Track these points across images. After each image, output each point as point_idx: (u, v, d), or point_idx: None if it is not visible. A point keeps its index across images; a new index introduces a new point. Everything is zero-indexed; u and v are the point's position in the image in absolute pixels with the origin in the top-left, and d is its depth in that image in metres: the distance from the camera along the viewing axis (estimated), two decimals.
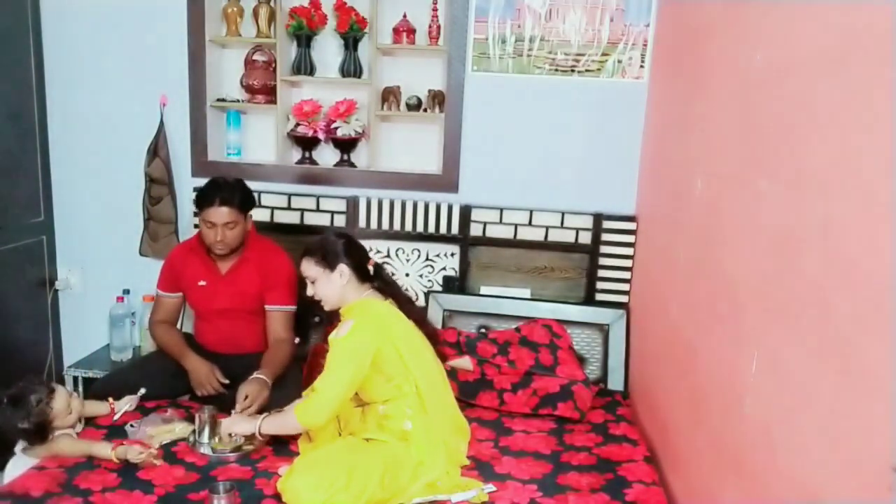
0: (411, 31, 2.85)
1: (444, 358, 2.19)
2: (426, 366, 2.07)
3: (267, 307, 2.51)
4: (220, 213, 2.36)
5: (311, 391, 2.04)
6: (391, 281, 2.23)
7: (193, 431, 2.14)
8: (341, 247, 2.08)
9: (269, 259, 2.53)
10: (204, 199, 2.38)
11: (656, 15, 2.73)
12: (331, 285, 2.06)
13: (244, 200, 2.43)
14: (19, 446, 2.06)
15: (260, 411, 2.17)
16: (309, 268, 2.07)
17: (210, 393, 2.37)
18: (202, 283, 2.51)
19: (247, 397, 2.17)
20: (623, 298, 2.86)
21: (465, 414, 2.21)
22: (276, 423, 2.04)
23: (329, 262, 2.05)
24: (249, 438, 2.13)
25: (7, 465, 2.05)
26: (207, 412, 2.13)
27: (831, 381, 1.16)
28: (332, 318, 2.81)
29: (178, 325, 2.66)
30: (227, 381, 2.40)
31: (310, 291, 2.10)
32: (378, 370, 1.99)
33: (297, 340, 2.72)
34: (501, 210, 2.87)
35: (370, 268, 2.12)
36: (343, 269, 2.05)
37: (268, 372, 2.29)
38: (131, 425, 2.17)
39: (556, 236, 2.87)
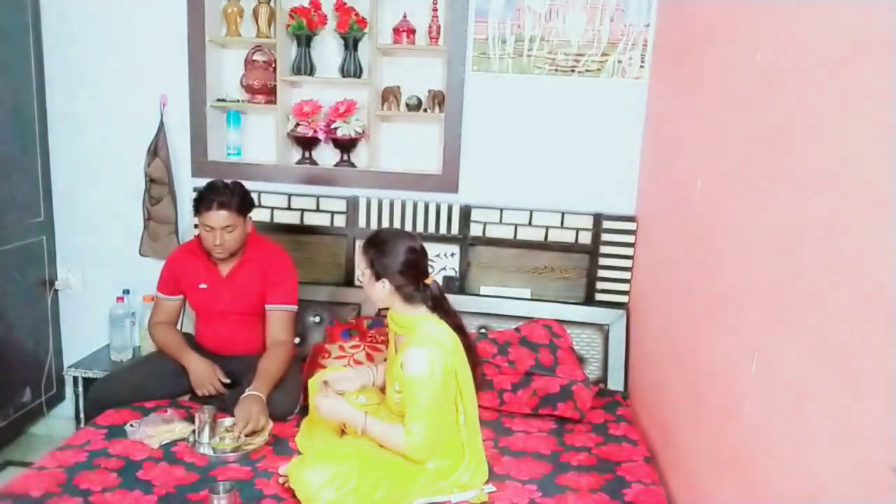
0: (411, 31, 2.85)
1: (478, 387, 2.06)
2: (473, 398, 2.01)
3: (267, 307, 2.49)
4: (219, 217, 2.34)
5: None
6: (450, 309, 2.04)
7: (193, 431, 2.14)
8: (399, 264, 1.95)
9: (270, 259, 2.51)
10: (201, 203, 2.35)
11: (656, 15, 2.73)
12: (374, 291, 1.99)
13: (242, 203, 2.39)
14: None
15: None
16: (362, 261, 2.00)
17: (211, 392, 2.37)
18: (203, 285, 2.50)
19: (247, 423, 2.11)
20: (623, 298, 2.86)
21: None
22: (380, 431, 1.95)
23: (377, 272, 1.96)
24: (250, 435, 2.14)
25: None
26: (207, 412, 2.13)
27: (831, 381, 1.16)
28: (333, 318, 2.84)
29: (178, 327, 2.65)
30: (228, 381, 2.40)
31: (359, 275, 2.03)
32: (444, 401, 1.93)
33: (297, 340, 2.72)
34: (501, 210, 2.87)
35: (424, 286, 1.99)
36: (386, 284, 1.95)
37: (262, 385, 2.24)
38: (131, 425, 2.17)
39: (556, 236, 2.86)
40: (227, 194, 2.35)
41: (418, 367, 1.87)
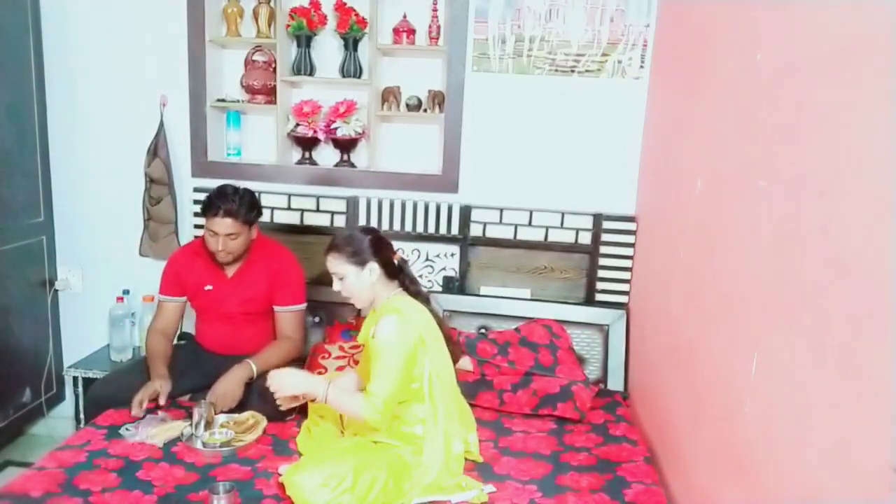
0: (411, 32, 2.85)
1: (456, 358, 2.15)
2: (447, 370, 2.05)
3: (276, 308, 2.51)
4: (224, 224, 2.34)
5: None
6: (415, 278, 2.17)
7: (189, 425, 2.15)
8: (370, 244, 2.03)
9: (275, 260, 2.53)
10: (208, 208, 2.34)
11: (656, 15, 2.73)
12: (360, 283, 2.03)
13: (249, 213, 2.38)
14: None
15: (237, 409, 2.27)
16: (337, 264, 2.03)
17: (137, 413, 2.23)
18: (209, 287, 2.49)
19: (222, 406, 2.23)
20: (623, 298, 2.86)
21: None
22: (340, 400, 1.96)
23: (359, 260, 2.02)
24: (243, 432, 2.15)
25: None
26: (205, 407, 2.15)
27: (831, 381, 1.16)
28: (333, 318, 2.84)
29: (178, 328, 2.64)
30: (164, 404, 2.29)
31: (337, 287, 2.06)
32: (407, 371, 1.97)
33: None
34: (501, 210, 2.87)
35: (396, 262, 2.08)
36: (373, 266, 2.02)
37: (258, 360, 2.35)
38: (127, 428, 2.17)
39: (556, 236, 2.86)
40: (234, 202, 2.34)
41: (388, 331, 1.94)
